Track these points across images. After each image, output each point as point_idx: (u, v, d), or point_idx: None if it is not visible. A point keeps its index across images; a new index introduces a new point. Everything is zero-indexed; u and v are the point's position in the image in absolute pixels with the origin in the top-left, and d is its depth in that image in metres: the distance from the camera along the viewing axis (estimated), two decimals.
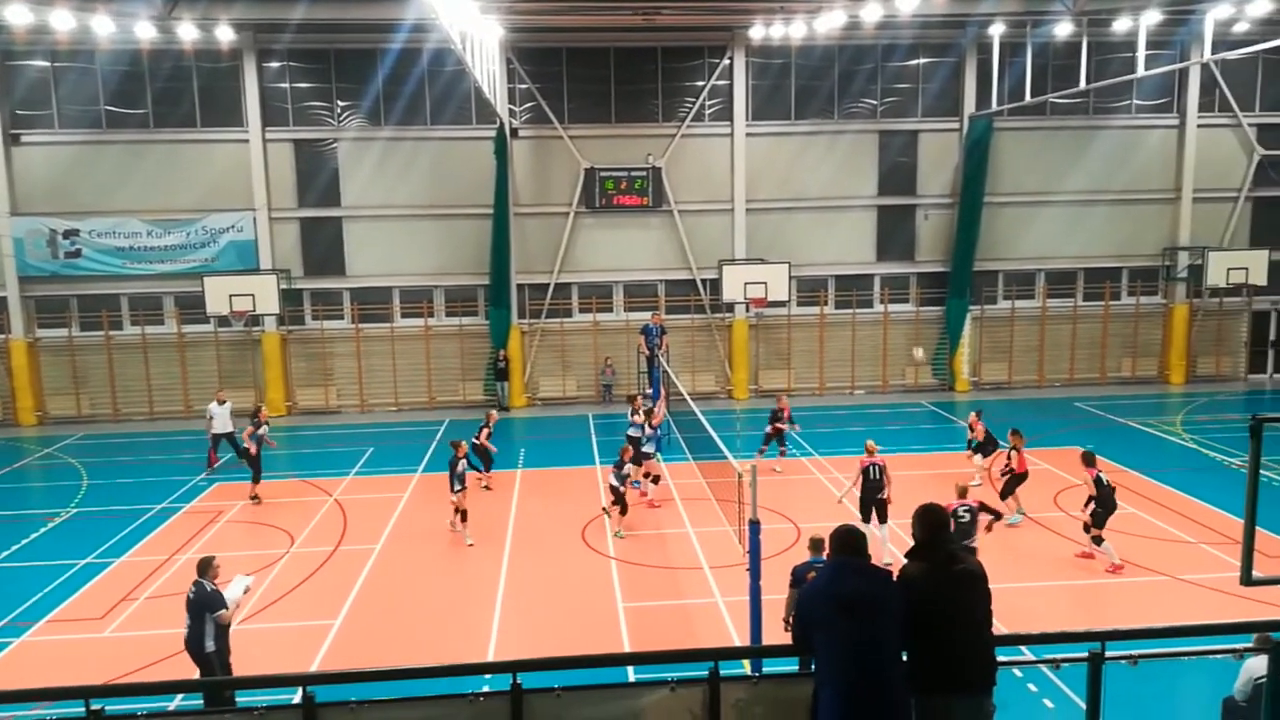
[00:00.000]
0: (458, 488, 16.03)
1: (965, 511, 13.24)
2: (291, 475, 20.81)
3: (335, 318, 27.25)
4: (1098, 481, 14.39)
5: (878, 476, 14.85)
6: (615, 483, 16.39)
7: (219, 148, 26.17)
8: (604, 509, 16.81)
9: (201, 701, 8.59)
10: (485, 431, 19.25)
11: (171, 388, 26.51)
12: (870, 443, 15.45)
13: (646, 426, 18.31)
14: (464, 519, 16.19)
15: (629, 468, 16.97)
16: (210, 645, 10.02)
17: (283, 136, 26.36)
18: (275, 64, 26.25)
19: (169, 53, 25.45)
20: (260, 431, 18.76)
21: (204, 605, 10.05)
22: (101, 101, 25.73)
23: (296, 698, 4.65)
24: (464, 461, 16.24)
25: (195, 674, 9.86)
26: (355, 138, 26.65)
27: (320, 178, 26.74)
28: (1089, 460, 14.87)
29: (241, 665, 11.86)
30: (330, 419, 26.56)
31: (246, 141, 26.01)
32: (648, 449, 18.05)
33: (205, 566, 10.30)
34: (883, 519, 14.73)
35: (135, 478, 20.75)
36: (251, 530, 17.15)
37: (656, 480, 18.34)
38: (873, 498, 14.80)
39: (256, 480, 18.72)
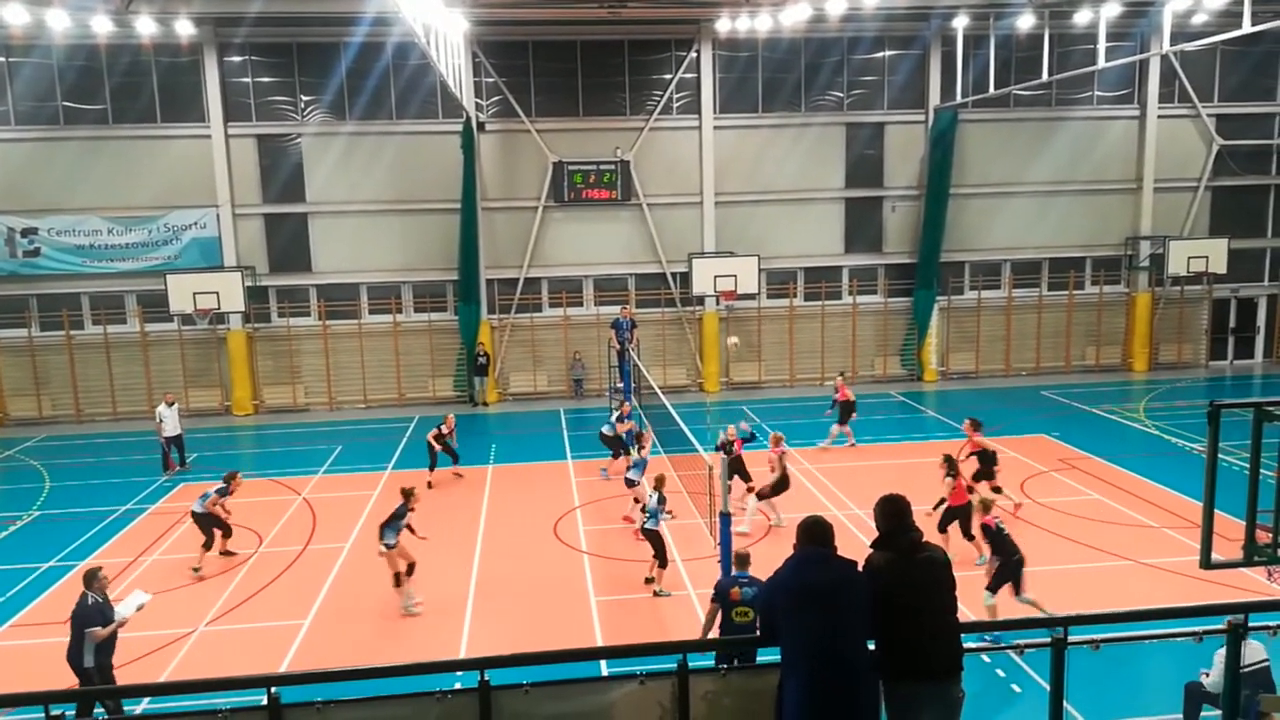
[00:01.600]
0: (390, 541, 13.17)
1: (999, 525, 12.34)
2: (259, 474, 20.58)
3: (302, 315, 26.98)
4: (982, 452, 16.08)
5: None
6: (648, 524, 13.75)
7: (180, 143, 25.78)
8: (648, 579, 13.98)
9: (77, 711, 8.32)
10: (436, 432, 19.04)
11: (135, 388, 26.12)
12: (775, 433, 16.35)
13: (635, 453, 17.49)
14: (404, 577, 13.26)
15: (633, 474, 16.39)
16: (89, 661, 9.80)
17: (245, 131, 26.01)
18: (236, 58, 25.89)
19: (127, 47, 25.02)
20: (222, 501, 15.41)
21: (80, 620, 9.85)
22: (58, 97, 25.23)
23: (263, 699, 4.61)
24: (410, 515, 13.50)
25: (162, 677, 9.75)
26: (319, 132, 26.36)
27: (284, 173, 26.43)
28: (977, 426, 16.44)
29: (208, 666, 11.76)
30: (298, 417, 26.29)
31: (208, 137, 25.64)
32: (633, 476, 16.45)
33: (91, 579, 10.05)
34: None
35: (99, 479, 20.44)
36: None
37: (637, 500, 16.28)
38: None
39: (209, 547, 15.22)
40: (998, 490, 15.60)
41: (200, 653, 12.26)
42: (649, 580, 13.84)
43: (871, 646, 4.84)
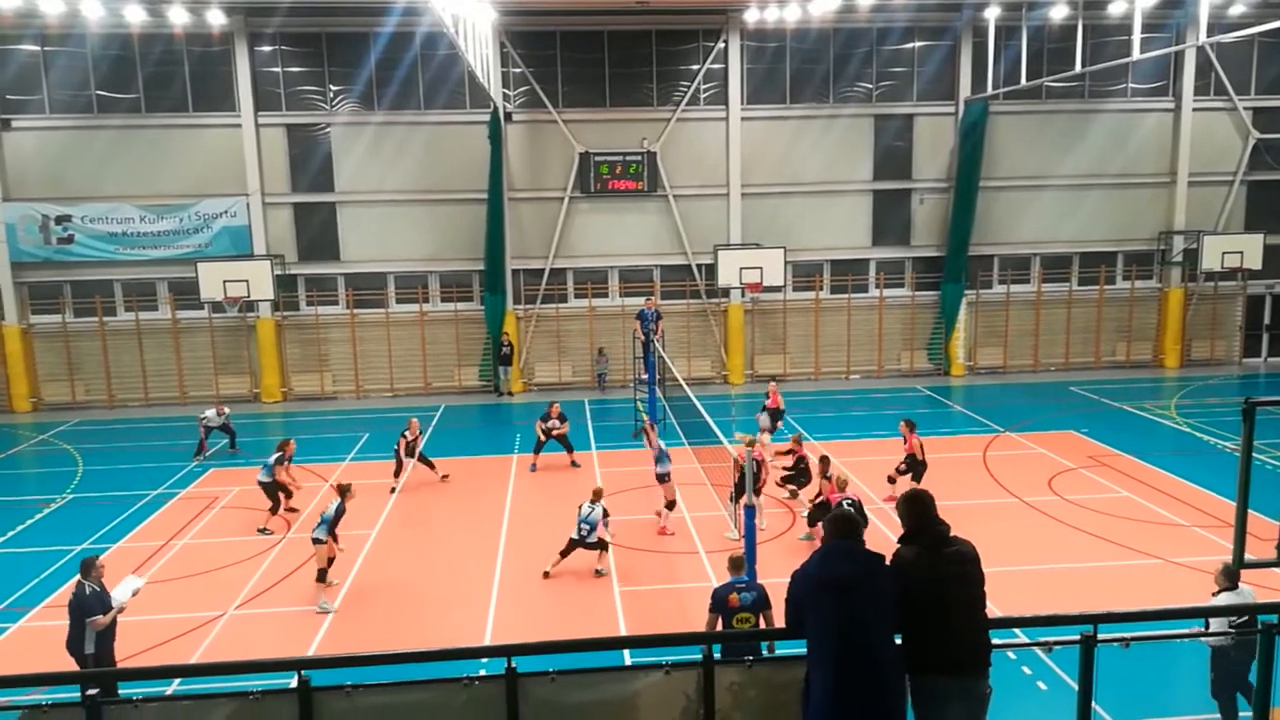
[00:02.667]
0: (320, 536, 13.20)
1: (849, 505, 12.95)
2: (288, 461, 20.77)
3: (330, 303, 27.20)
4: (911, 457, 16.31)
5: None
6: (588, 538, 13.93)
7: (211, 132, 26.03)
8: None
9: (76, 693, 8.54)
10: (402, 441, 18.76)
11: (166, 374, 26.47)
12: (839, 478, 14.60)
13: (648, 445, 17.48)
14: (320, 577, 13.29)
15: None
16: (89, 648, 9.94)
17: (275, 121, 26.22)
18: (267, 47, 26.08)
19: (160, 36, 25.28)
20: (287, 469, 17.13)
21: (80, 609, 9.98)
22: (92, 86, 25.55)
23: (292, 682, 4.66)
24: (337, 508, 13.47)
25: (192, 659, 9.88)
26: (348, 122, 26.51)
27: (313, 162, 26.62)
28: (911, 427, 16.69)
29: (238, 649, 11.92)
30: (325, 405, 26.53)
31: (239, 126, 25.87)
32: (661, 470, 16.17)
33: (88, 568, 10.18)
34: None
35: (130, 464, 20.74)
36: (247, 516, 17.15)
37: (671, 506, 16.10)
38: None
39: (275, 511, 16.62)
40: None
41: (229, 636, 12.43)
42: (599, 573, 14.00)
43: (898, 640, 4.82)
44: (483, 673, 4.81)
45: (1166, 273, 28.82)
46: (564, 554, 13.96)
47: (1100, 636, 4.92)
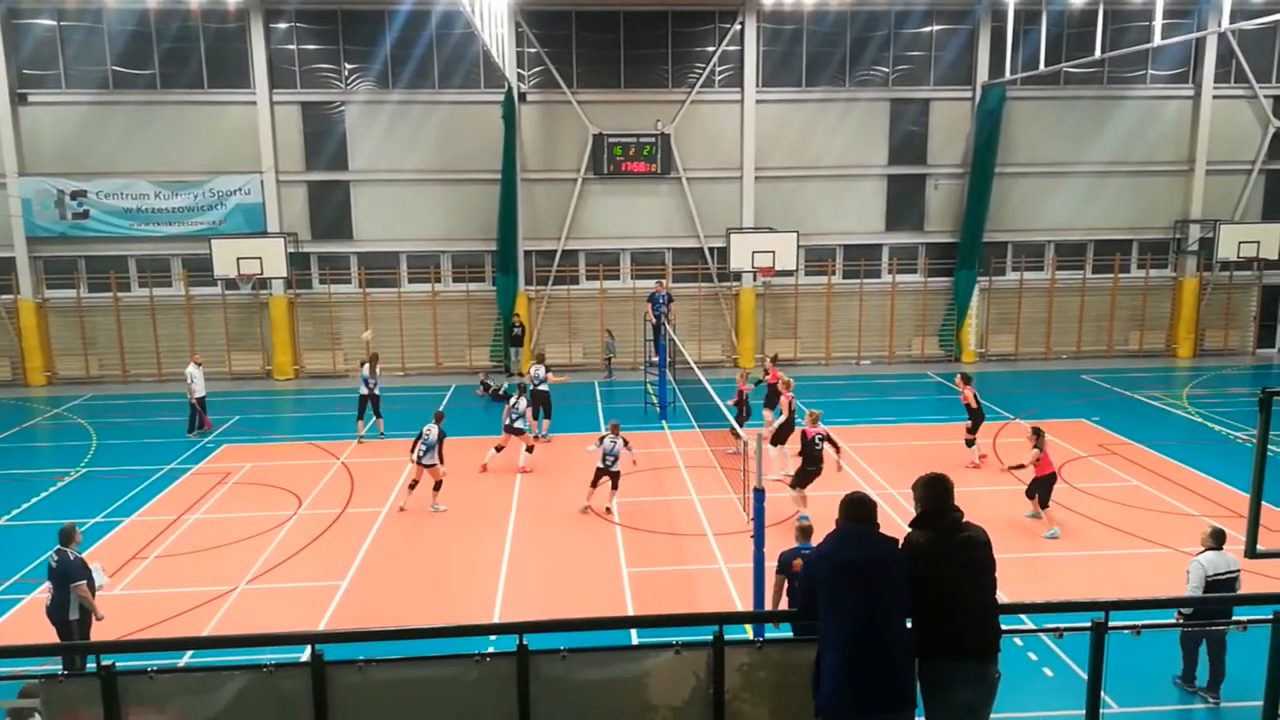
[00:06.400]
0: (426, 459, 15.98)
1: (820, 440, 14.73)
2: (299, 438, 20.93)
3: (343, 282, 27.26)
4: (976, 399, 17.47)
5: (820, 447, 15.01)
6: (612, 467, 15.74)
7: (226, 109, 26.05)
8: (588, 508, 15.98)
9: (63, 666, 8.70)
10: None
11: (179, 350, 26.58)
12: (813, 412, 15.55)
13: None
14: (436, 487, 16.19)
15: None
16: (74, 614, 10.15)
17: (290, 99, 26.21)
18: (283, 25, 26.04)
19: (176, 12, 25.28)
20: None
21: (66, 574, 10.16)
22: (109, 62, 25.57)
23: (305, 656, 4.71)
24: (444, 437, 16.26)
25: (204, 631, 9.97)
26: (363, 101, 26.48)
27: (328, 141, 26.62)
28: (967, 380, 17.85)
29: (249, 623, 12.03)
30: (337, 383, 26.62)
31: (254, 104, 25.88)
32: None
33: (68, 536, 10.38)
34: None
35: (144, 439, 20.89)
36: (259, 492, 17.28)
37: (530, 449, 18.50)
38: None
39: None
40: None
41: (241, 610, 12.55)
42: (608, 510, 15.41)
43: (909, 624, 4.83)
44: (492, 650, 4.85)
45: (1182, 262, 28.61)
46: (594, 484, 15.67)
47: (1111, 624, 4.92)
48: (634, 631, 9.01)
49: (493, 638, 5.94)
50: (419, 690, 4.74)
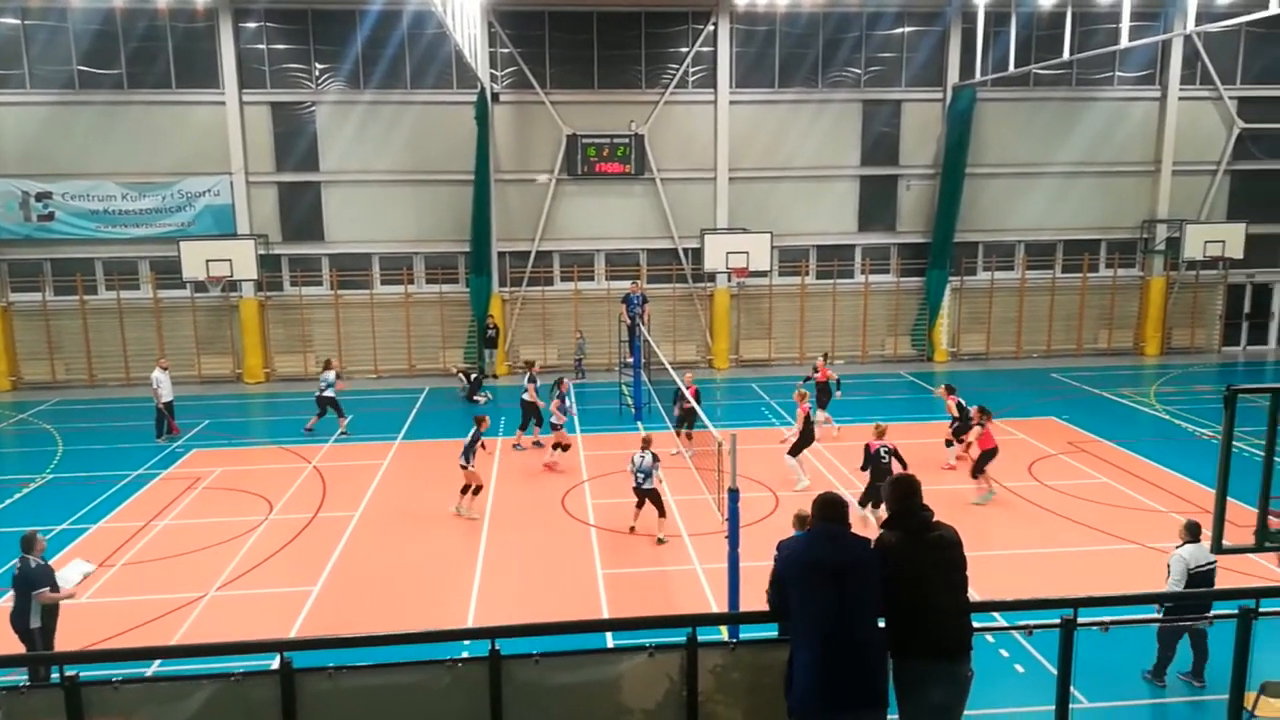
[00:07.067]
0: (464, 463, 15.71)
1: (885, 453, 14.30)
2: (270, 442, 20.72)
3: (314, 284, 27.02)
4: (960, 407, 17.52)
5: (887, 460, 14.56)
6: (644, 485, 14.65)
7: (195, 110, 25.74)
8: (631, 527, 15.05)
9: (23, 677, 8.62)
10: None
11: (147, 354, 26.18)
12: (879, 424, 15.45)
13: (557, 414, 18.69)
14: (473, 493, 15.89)
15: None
16: (35, 622, 9.98)
17: (260, 99, 25.94)
18: (252, 24, 25.77)
19: (143, 12, 24.96)
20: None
21: (27, 582, 10.01)
22: (74, 61, 25.18)
23: (274, 663, 4.65)
24: (481, 439, 16.04)
25: (173, 641, 9.84)
26: (334, 101, 26.27)
27: (299, 142, 26.37)
28: (951, 390, 18.07)
29: (220, 630, 11.89)
30: (309, 386, 26.22)
31: (223, 104, 25.59)
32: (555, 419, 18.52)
33: (29, 543, 10.23)
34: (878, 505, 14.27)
35: (111, 444, 20.60)
36: (229, 497, 17.08)
37: (565, 448, 18.73)
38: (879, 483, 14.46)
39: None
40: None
41: (211, 617, 12.39)
42: (660, 541, 14.49)
43: (882, 624, 4.85)
44: (466, 655, 4.81)
45: (1149, 261, 29.00)
46: (638, 506, 14.79)
47: (1080, 620, 4.96)
48: (609, 635, 9.00)
49: (466, 643, 5.90)
50: (390, 697, 4.70)
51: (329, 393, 20.80)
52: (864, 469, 14.57)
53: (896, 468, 14.40)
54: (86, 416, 23.23)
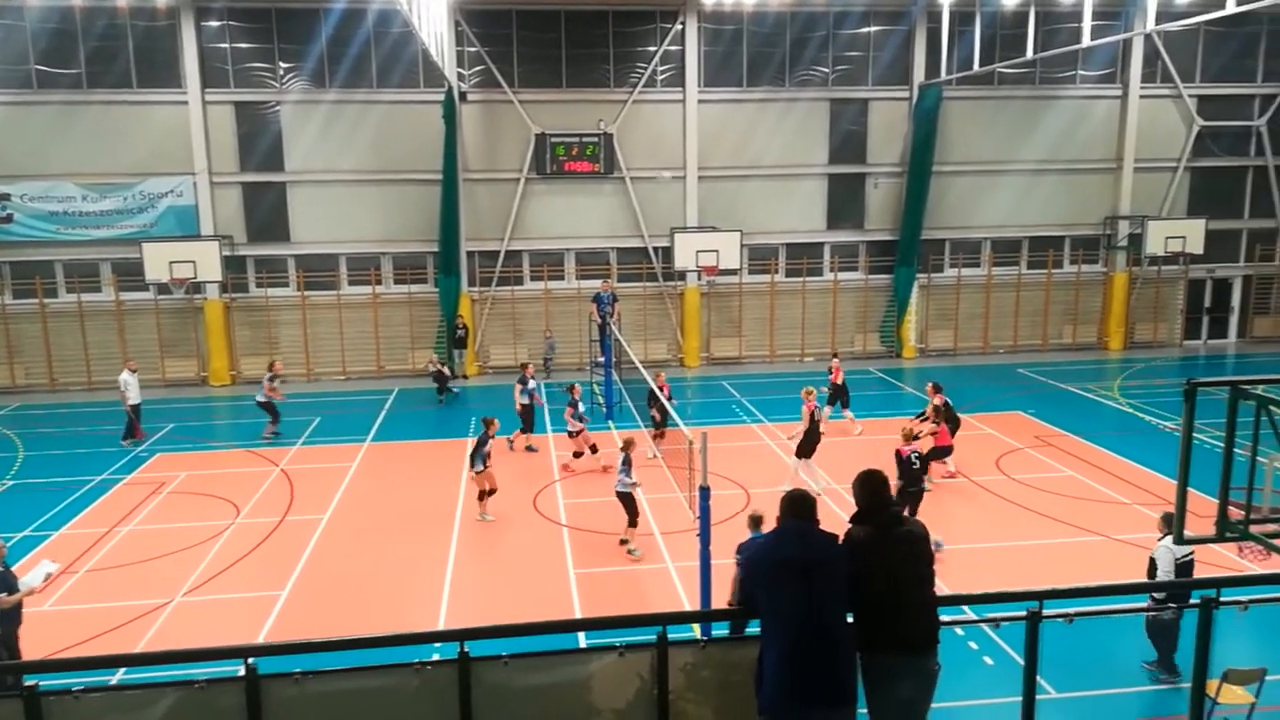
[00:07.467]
0: (479, 467, 15.45)
1: (916, 458, 13.77)
2: (236, 445, 20.47)
3: (280, 285, 26.72)
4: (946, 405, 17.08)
5: (919, 466, 14.07)
6: (618, 487, 14.21)
7: (156, 109, 25.36)
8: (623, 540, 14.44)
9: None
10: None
11: (110, 357, 25.79)
12: (912, 426, 14.98)
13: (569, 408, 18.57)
14: (482, 496, 15.70)
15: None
16: None
17: (223, 98, 25.61)
18: (214, 23, 25.44)
19: (102, 10, 24.55)
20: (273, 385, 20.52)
21: None
22: (31, 61, 24.71)
23: (240, 670, 4.59)
24: (491, 441, 15.68)
25: (138, 648, 9.69)
26: (299, 100, 25.99)
27: (263, 141, 26.07)
28: (938, 389, 17.46)
29: (186, 637, 11.73)
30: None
31: (185, 103, 25.24)
32: (573, 427, 18.36)
33: None
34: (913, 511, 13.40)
35: (73, 449, 20.26)
36: (195, 501, 16.85)
37: (595, 449, 18.37)
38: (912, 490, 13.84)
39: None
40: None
41: (177, 623, 12.22)
42: (623, 542, 14.15)
43: (850, 619, 4.87)
44: (436, 657, 4.77)
45: (1112, 257, 29.42)
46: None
47: (1045, 612, 5.02)
48: (581, 634, 8.98)
49: (435, 645, 5.86)
50: (357, 702, 4.65)
51: (259, 397, 20.60)
52: (901, 479, 13.61)
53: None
54: (48, 421, 22.83)
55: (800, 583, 4.69)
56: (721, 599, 10.55)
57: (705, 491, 10.78)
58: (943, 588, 5.31)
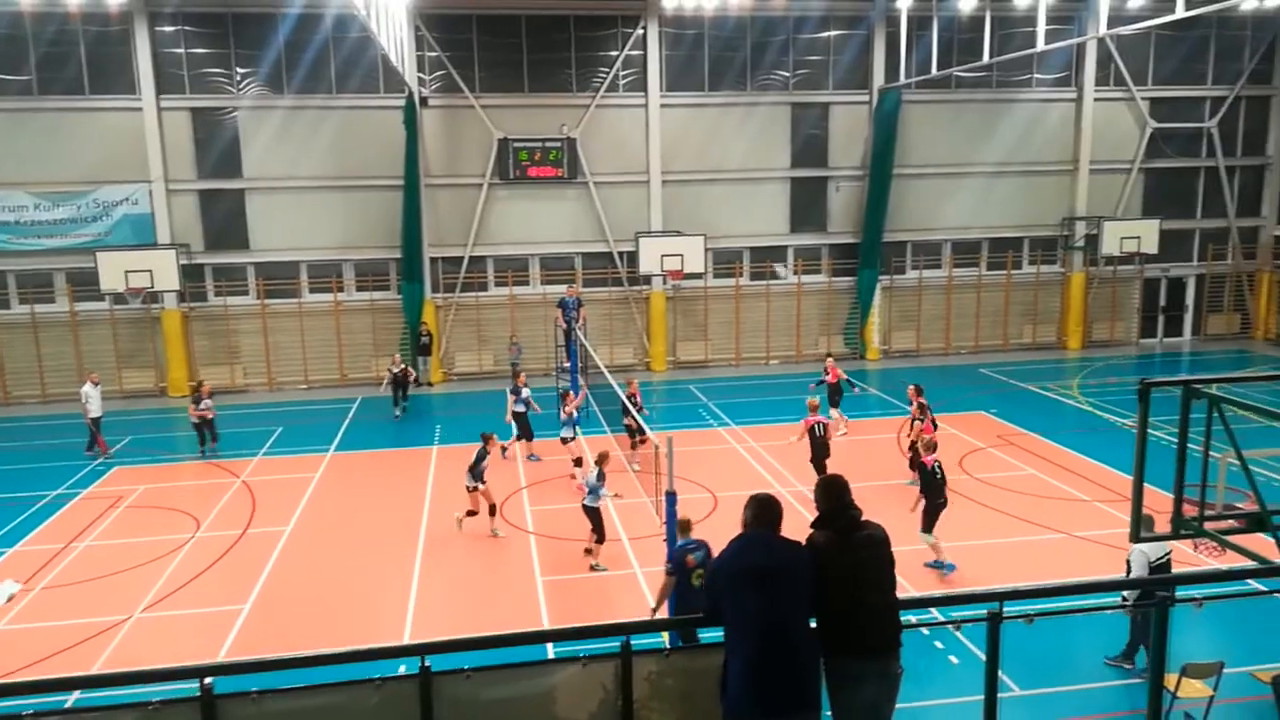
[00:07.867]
0: (472, 484, 14.98)
1: (939, 468, 13.45)
2: (195, 457, 20.12)
3: (240, 294, 26.35)
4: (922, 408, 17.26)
5: (821, 434, 16.04)
6: (587, 501, 13.83)
7: (110, 116, 24.90)
8: (587, 549, 14.16)
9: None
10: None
11: (65, 369, 25.28)
12: (811, 399, 16.68)
13: (561, 412, 18.39)
14: (491, 512, 15.22)
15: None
16: None
17: (179, 104, 25.21)
18: (168, 28, 25.04)
19: (53, 15, 24.06)
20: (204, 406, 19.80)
21: None
22: None
23: (196, 689, 4.49)
24: (489, 457, 15.21)
25: (95, 666, 9.46)
26: (256, 106, 25.65)
27: (219, 147, 25.69)
28: (919, 391, 17.54)
29: (144, 654, 11.49)
30: (237, 398, 25.69)
31: (140, 110, 24.81)
32: (566, 434, 18.10)
33: None
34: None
35: (27, 463, 19.81)
36: (154, 515, 16.54)
37: (578, 463, 17.72)
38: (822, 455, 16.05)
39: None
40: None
41: (135, 641, 11.98)
42: (588, 551, 14.01)
43: (813, 624, 4.87)
44: (403, 669, 4.71)
45: (1069, 257, 29.88)
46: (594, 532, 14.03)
47: (1005, 613, 5.05)
48: (549, 645, 8.92)
49: (400, 660, 5.78)
50: (316, 719, 4.56)
51: (192, 419, 19.92)
52: (925, 490, 13.46)
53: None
54: (1, 435, 22.30)
55: (763, 591, 4.69)
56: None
57: (672, 496, 10.78)
58: (906, 588, 5.33)
